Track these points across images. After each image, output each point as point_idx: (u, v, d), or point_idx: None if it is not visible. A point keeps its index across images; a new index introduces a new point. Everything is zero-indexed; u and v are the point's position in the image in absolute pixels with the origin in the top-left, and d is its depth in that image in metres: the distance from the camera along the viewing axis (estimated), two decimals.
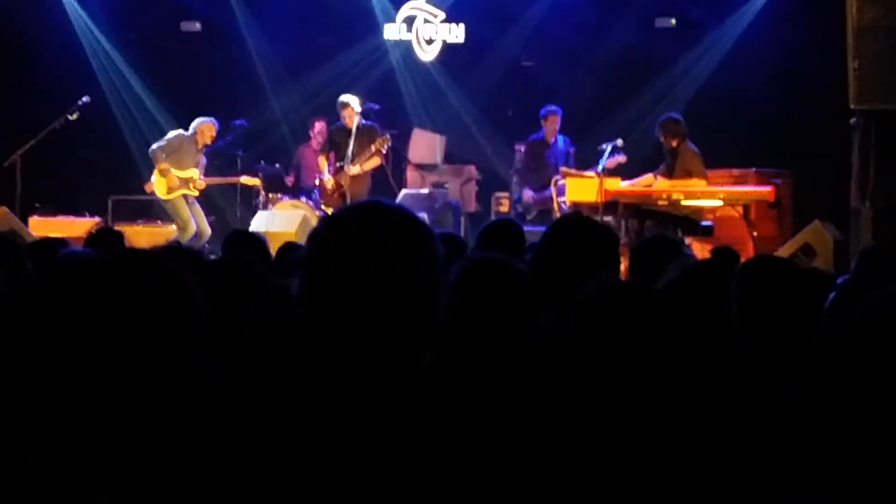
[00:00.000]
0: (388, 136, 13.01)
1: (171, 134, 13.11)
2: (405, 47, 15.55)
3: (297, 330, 2.24)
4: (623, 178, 12.08)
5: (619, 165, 12.27)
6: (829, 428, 1.57)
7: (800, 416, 1.62)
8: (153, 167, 12.98)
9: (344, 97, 13.11)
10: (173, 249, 5.33)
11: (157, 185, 12.83)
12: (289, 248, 6.26)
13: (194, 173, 12.91)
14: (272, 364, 2.20)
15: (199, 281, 2.08)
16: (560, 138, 13.39)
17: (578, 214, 4.61)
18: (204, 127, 12.96)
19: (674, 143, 12.03)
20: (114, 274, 1.90)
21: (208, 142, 13.01)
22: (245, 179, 13.25)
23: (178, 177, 12.80)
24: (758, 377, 3.22)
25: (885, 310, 1.61)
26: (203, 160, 13.11)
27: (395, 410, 2.13)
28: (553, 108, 13.36)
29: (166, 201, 12.83)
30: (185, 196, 12.83)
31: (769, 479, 2.03)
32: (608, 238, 4.20)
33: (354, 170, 12.87)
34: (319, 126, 14.12)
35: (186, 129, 13.08)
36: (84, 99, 13.46)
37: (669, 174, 12.03)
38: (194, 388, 1.92)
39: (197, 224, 12.80)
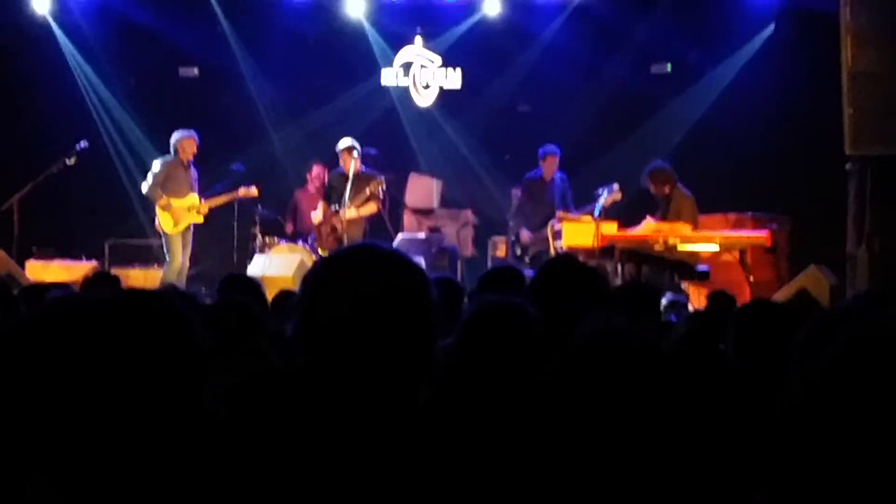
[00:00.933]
0: (381, 178, 13.03)
1: (156, 165, 12.94)
2: (402, 92, 15.63)
3: (292, 370, 2.24)
4: (621, 223, 12.10)
5: (616, 203, 12.28)
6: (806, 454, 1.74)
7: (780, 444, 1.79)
8: (153, 207, 12.95)
9: (344, 142, 13.14)
10: (169, 293, 5.32)
11: (163, 221, 12.79)
12: (285, 295, 6.26)
13: (194, 199, 12.85)
14: (266, 404, 2.20)
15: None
16: (557, 176, 13.43)
17: (567, 256, 4.64)
18: (184, 143, 12.81)
19: (666, 190, 12.04)
20: (114, 313, 1.90)
21: (191, 156, 12.85)
22: (243, 191, 13.12)
23: (180, 207, 12.77)
24: (753, 417, 3.22)
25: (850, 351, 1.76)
26: (194, 174, 13.00)
27: (389, 449, 2.13)
28: (552, 148, 13.41)
29: (171, 235, 12.78)
30: (189, 226, 12.82)
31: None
32: (598, 280, 4.23)
33: (350, 213, 12.89)
34: (317, 170, 14.15)
35: (166, 152, 13.02)
36: (82, 143, 13.49)
37: (664, 220, 12.05)
38: (196, 423, 1.92)
39: (182, 258, 12.79)
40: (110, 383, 1.83)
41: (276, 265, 12.42)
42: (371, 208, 13.07)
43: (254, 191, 13.14)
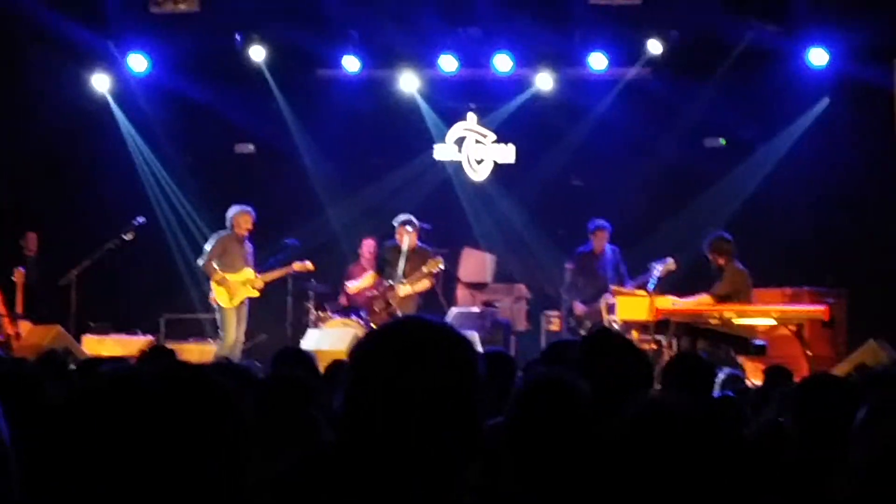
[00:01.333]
0: (440, 258, 13.01)
1: (212, 239, 13.10)
2: (456, 167, 15.71)
3: (340, 448, 2.22)
4: (676, 296, 12.03)
5: (670, 273, 12.21)
6: None
7: None
8: (208, 281, 13.05)
9: (403, 216, 13.17)
10: (222, 366, 5.35)
11: (219, 295, 12.86)
12: (338, 366, 6.25)
13: (249, 273, 12.93)
14: (314, 484, 2.17)
15: (250, 396, 2.08)
16: (608, 248, 13.41)
17: (608, 333, 4.65)
18: (239, 219, 12.95)
19: (721, 262, 11.98)
20: (158, 385, 1.91)
21: (246, 232, 12.97)
22: (297, 266, 13.18)
23: (235, 282, 12.85)
24: (813, 493, 3.17)
25: None
26: (249, 248, 13.10)
27: None
28: (601, 222, 13.41)
29: (227, 309, 12.85)
30: (244, 300, 12.89)
31: None
32: (641, 358, 4.26)
33: (405, 290, 12.90)
34: (368, 244, 14.20)
35: (222, 228, 13.16)
36: (139, 219, 13.68)
37: (714, 291, 11.97)
38: (240, 498, 1.91)
39: (236, 332, 12.84)
40: (150, 454, 1.83)
41: (330, 339, 12.45)
42: (425, 285, 13.07)
43: (309, 265, 13.22)
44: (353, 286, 13.40)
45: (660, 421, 2.64)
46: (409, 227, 13.01)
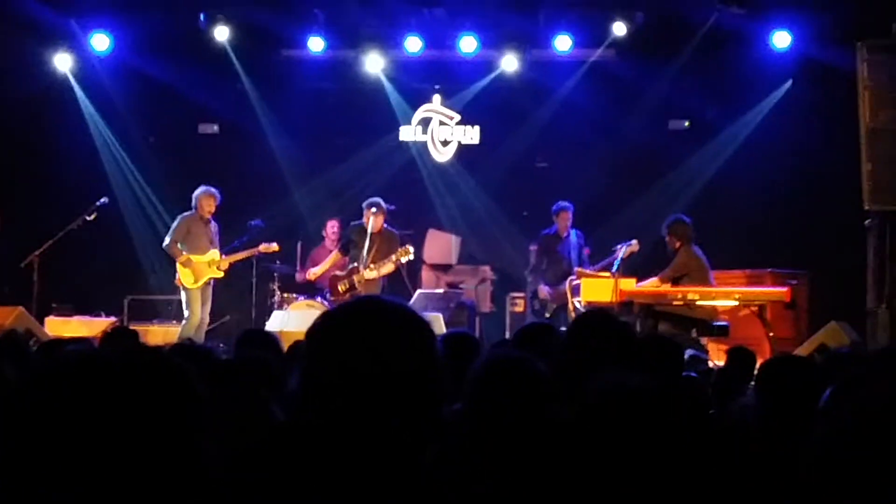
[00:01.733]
0: (410, 248, 12.96)
1: (176, 221, 13.07)
2: (421, 148, 15.70)
3: (294, 429, 2.21)
4: (639, 279, 12.08)
5: (633, 254, 12.26)
6: None
7: None
8: (173, 262, 12.99)
9: (371, 199, 13.12)
10: (184, 347, 5.33)
11: (184, 277, 12.83)
12: (298, 346, 6.23)
13: (214, 254, 12.90)
14: (270, 462, 2.16)
15: (212, 377, 2.08)
16: (573, 232, 13.44)
17: (599, 311, 4.65)
18: (203, 200, 12.91)
19: (676, 245, 12.02)
20: (115, 368, 1.91)
21: (210, 213, 12.93)
22: (264, 247, 13.16)
23: (200, 263, 12.82)
24: (776, 471, 3.19)
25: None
26: (214, 228, 13.06)
27: None
28: (564, 204, 13.44)
29: (191, 290, 12.81)
30: (209, 280, 12.86)
31: None
32: (626, 334, 4.26)
33: (370, 274, 12.83)
34: (332, 225, 14.18)
35: (187, 209, 13.09)
36: (102, 200, 13.58)
37: (663, 275, 12.02)
38: (197, 478, 1.91)
39: (201, 313, 12.82)
40: (107, 435, 1.84)
41: (295, 321, 12.42)
42: (390, 268, 13.01)
43: (274, 246, 13.21)
44: (314, 272, 13.36)
45: (620, 401, 2.65)
46: (374, 210, 12.97)
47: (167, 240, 12.97)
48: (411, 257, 12.99)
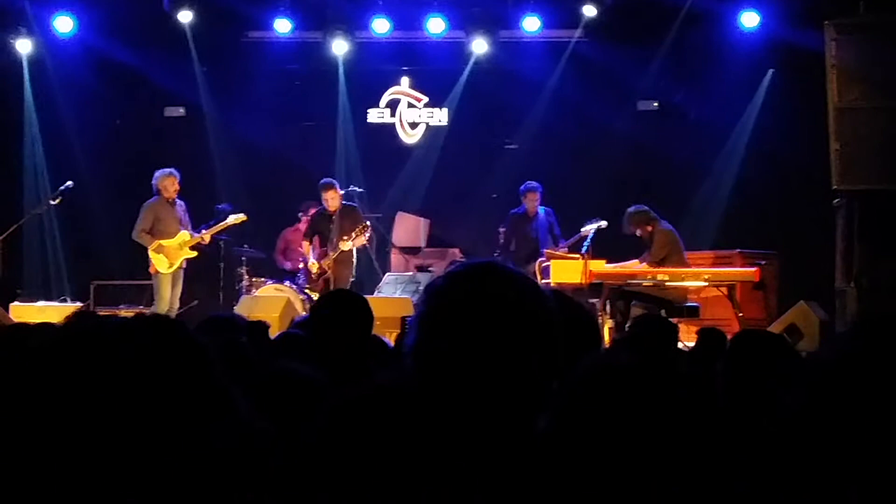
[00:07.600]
0: (368, 223, 12.87)
1: (142, 211, 12.84)
2: (389, 130, 15.63)
3: (406, 386, 2.15)
4: (609, 260, 12.06)
5: (601, 230, 12.20)
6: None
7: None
8: (143, 248, 12.83)
9: (326, 180, 13.04)
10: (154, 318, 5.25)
11: (158, 264, 12.66)
12: (262, 328, 6.14)
13: (185, 235, 12.74)
14: (372, 421, 2.10)
15: None
16: (542, 209, 13.39)
17: (558, 293, 4.58)
18: (164, 182, 12.69)
19: (648, 229, 11.99)
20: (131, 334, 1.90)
21: (174, 193, 12.72)
22: (233, 219, 13.00)
23: (172, 247, 12.66)
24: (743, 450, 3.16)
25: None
26: (182, 207, 12.87)
27: (500, 478, 2.03)
28: (532, 184, 13.38)
29: (164, 275, 12.67)
30: (182, 264, 12.73)
31: None
32: (589, 317, 4.20)
33: (346, 245, 12.66)
34: (311, 212, 14.06)
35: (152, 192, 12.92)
36: (67, 184, 13.41)
37: (651, 258, 12.01)
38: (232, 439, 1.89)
39: (170, 298, 12.70)
40: (124, 401, 1.83)
41: (263, 305, 12.34)
42: (362, 241, 12.87)
43: (242, 216, 12.99)
44: (311, 264, 13.11)
45: (611, 380, 2.60)
46: (327, 189, 12.81)
47: (136, 230, 12.78)
48: (369, 232, 12.86)
